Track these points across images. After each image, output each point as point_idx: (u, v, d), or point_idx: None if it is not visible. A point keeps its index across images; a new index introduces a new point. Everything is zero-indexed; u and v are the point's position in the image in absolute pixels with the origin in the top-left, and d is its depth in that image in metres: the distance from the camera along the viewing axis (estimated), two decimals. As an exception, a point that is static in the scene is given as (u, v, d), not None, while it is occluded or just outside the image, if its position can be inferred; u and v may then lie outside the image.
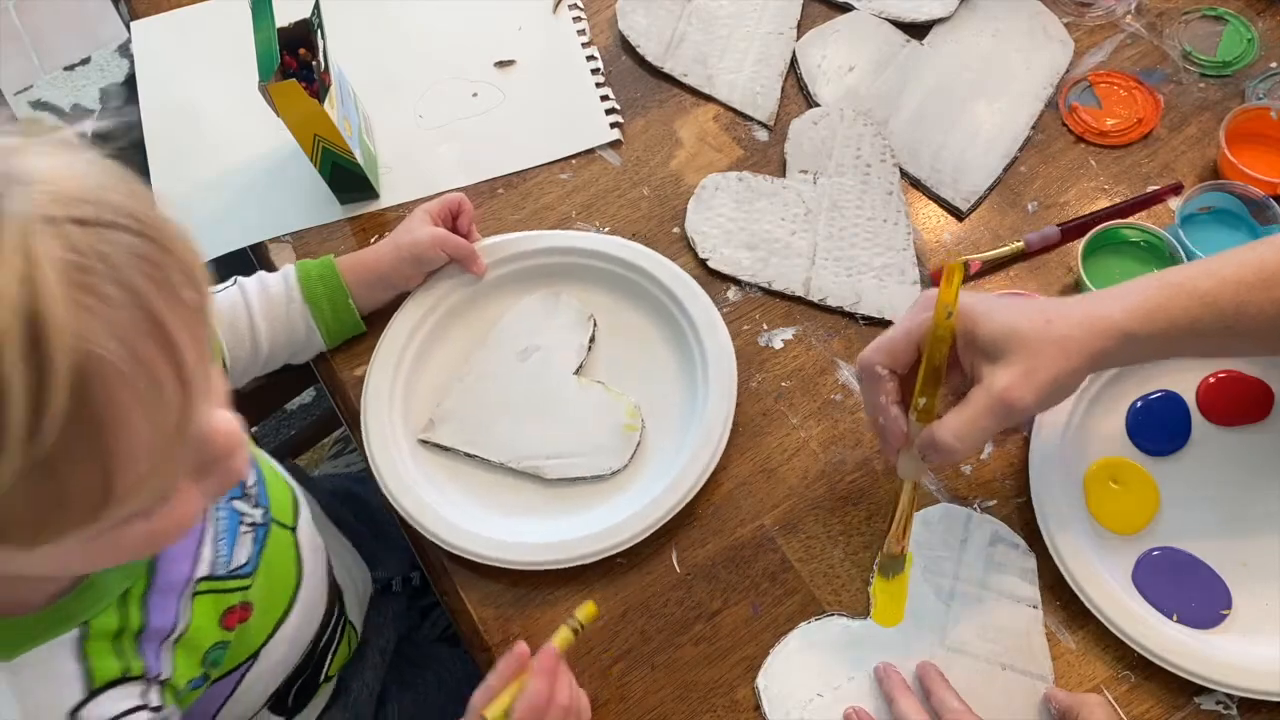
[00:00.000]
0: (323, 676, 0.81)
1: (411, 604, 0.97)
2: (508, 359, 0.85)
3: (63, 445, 0.38)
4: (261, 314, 0.80)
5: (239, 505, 0.68)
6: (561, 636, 0.66)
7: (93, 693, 0.56)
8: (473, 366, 0.85)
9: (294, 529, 0.75)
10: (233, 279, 0.83)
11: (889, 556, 0.73)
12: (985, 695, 0.70)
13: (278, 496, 0.74)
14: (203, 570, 0.64)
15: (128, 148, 0.97)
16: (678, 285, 0.84)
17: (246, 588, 0.68)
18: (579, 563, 0.75)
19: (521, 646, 0.65)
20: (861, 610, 0.74)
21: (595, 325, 0.85)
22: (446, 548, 0.76)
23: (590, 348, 0.85)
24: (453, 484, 0.81)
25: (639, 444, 0.81)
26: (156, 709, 0.59)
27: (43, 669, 0.54)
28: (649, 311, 0.86)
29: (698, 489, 0.77)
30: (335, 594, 0.81)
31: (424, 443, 0.82)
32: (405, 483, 0.78)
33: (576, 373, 0.84)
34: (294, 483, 0.79)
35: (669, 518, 0.76)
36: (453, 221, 0.86)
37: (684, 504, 0.76)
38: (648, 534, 0.76)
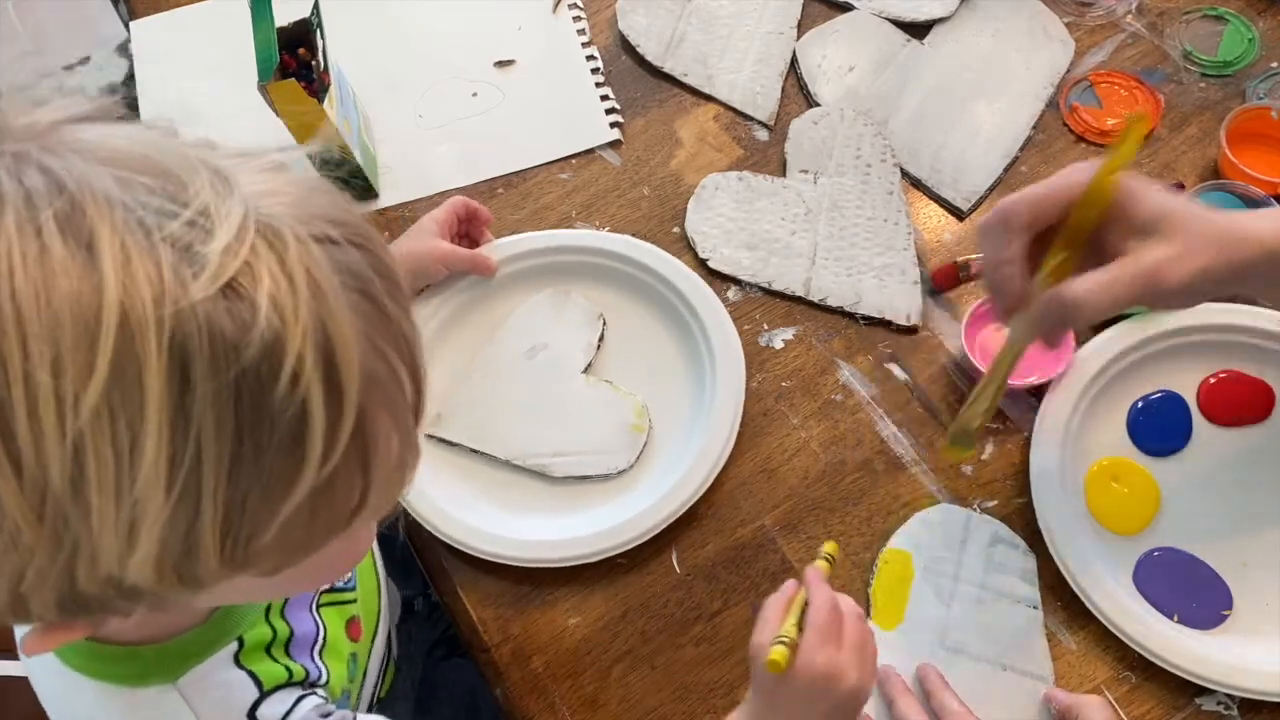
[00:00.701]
0: (374, 698, 0.80)
1: (432, 617, 0.96)
2: (516, 356, 0.85)
3: (343, 463, 0.38)
4: None
5: None
6: (820, 565, 0.64)
7: (265, 693, 0.56)
8: (480, 363, 0.85)
9: None
10: None
11: (964, 430, 0.65)
12: (985, 696, 0.70)
13: None
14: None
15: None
16: (686, 284, 0.84)
17: (354, 600, 0.69)
18: (585, 560, 0.75)
19: (790, 581, 0.63)
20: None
21: (604, 324, 0.85)
22: (450, 542, 0.76)
23: (599, 346, 0.85)
24: (458, 480, 0.81)
25: (646, 443, 0.81)
26: (324, 698, 0.60)
27: (210, 679, 0.55)
28: (657, 310, 0.86)
29: (706, 487, 0.77)
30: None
31: (430, 438, 0.82)
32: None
33: (584, 371, 0.84)
34: None
35: (677, 515, 0.76)
36: (464, 226, 0.86)
37: (692, 502, 0.76)
38: (656, 531, 0.76)
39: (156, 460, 0.34)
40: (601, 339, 0.85)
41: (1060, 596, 0.73)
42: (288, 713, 0.57)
